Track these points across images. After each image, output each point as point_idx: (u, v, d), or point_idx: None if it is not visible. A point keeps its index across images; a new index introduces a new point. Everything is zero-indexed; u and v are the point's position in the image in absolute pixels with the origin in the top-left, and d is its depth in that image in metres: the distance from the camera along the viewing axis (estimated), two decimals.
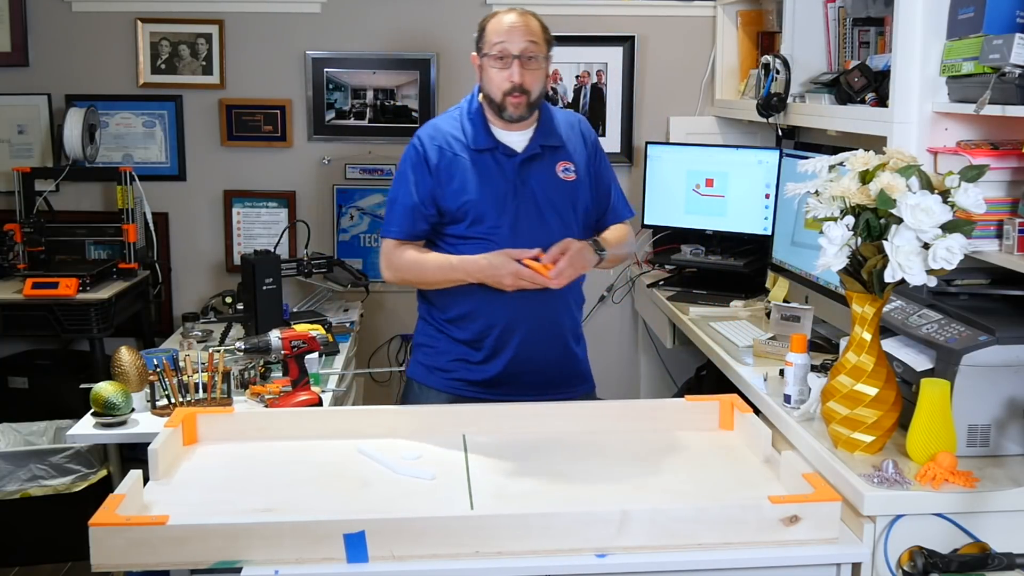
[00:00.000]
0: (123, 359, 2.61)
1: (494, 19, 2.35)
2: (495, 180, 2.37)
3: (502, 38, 2.30)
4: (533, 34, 2.32)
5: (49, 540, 3.36)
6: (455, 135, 2.39)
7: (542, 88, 2.38)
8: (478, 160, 2.37)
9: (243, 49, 4.01)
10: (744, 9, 3.91)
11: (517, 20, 2.32)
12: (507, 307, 2.36)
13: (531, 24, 2.34)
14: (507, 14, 2.34)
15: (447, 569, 1.70)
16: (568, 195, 2.41)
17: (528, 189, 2.38)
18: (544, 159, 2.41)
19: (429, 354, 2.50)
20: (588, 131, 2.52)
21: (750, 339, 2.77)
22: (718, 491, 1.95)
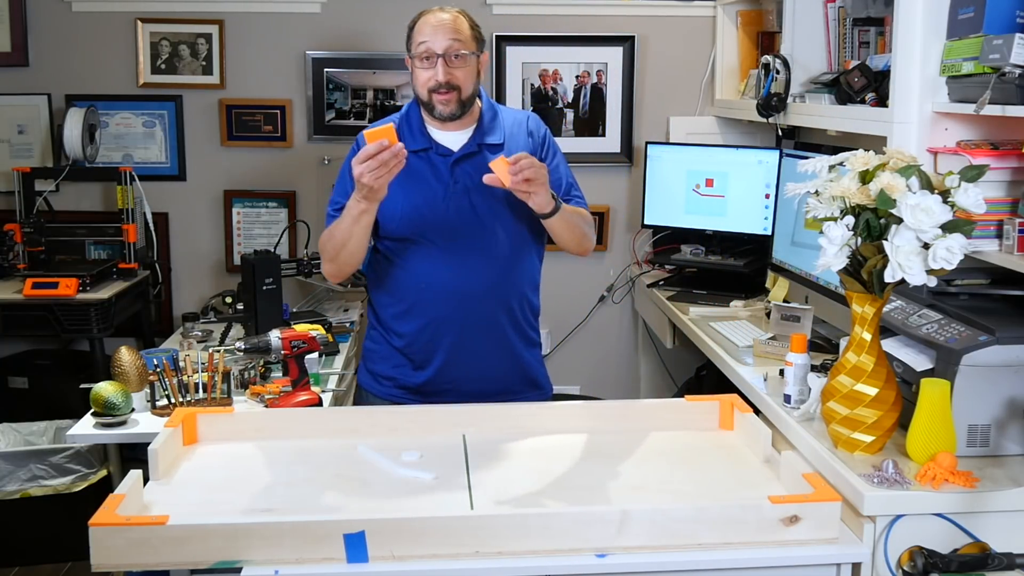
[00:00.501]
0: (123, 359, 2.61)
1: (421, 19, 2.31)
2: (428, 181, 2.32)
3: (426, 37, 2.27)
4: (458, 32, 2.27)
5: (49, 540, 3.36)
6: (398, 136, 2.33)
7: (473, 85, 2.32)
8: (412, 161, 2.28)
9: (243, 49, 4.02)
10: (744, 9, 3.91)
11: (441, 18, 2.28)
12: (442, 305, 2.33)
13: (457, 22, 2.29)
14: (434, 13, 2.30)
15: (447, 569, 1.70)
16: (507, 198, 2.29)
17: (462, 188, 2.32)
18: (481, 156, 2.33)
19: (373, 359, 2.48)
20: (537, 128, 2.45)
21: (750, 339, 2.77)
22: (718, 491, 1.95)
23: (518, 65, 4.04)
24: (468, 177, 2.32)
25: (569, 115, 4.09)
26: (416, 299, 2.35)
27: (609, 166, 4.13)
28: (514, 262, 2.38)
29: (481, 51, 2.34)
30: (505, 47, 4.02)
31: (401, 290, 2.37)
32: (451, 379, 2.38)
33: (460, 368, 2.37)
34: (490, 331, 2.38)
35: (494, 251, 2.34)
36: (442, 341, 2.36)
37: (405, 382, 2.42)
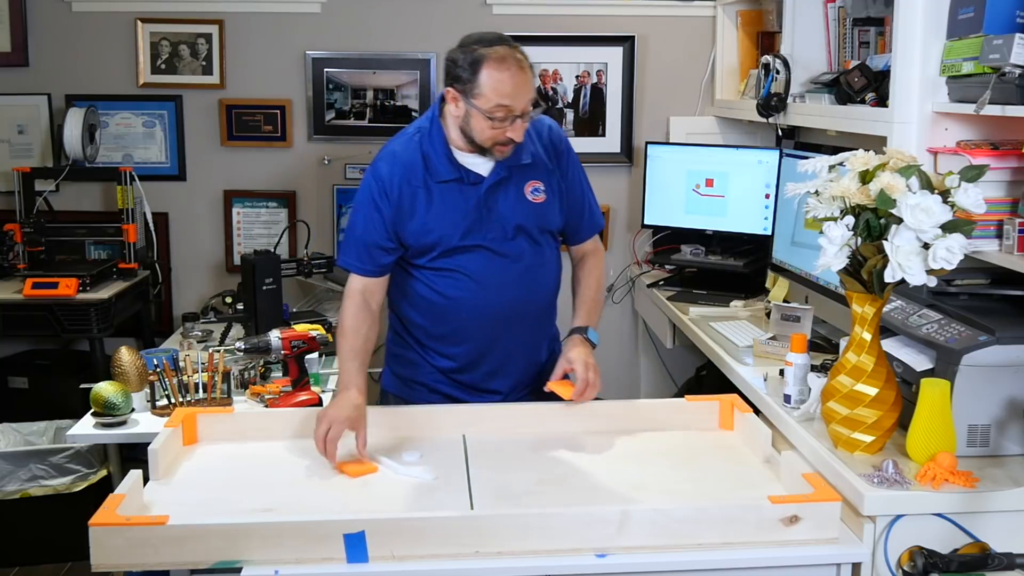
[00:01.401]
0: (123, 359, 2.61)
1: (493, 71, 2.10)
2: (460, 210, 2.24)
3: (507, 99, 2.10)
4: (532, 86, 2.16)
5: (49, 540, 3.36)
6: (416, 165, 2.25)
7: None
8: (441, 191, 2.24)
9: (243, 49, 4.01)
10: (744, 9, 3.91)
11: (520, 76, 2.11)
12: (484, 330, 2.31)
13: (529, 75, 2.14)
14: (506, 65, 2.10)
15: (447, 569, 1.70)
16: (538, 217, 2.29)
17: (496, 216, 2.26)
18: (511, 181, 2.27)
19: (402, 364, 2.44)
20: (558, 139, 2.35)
21: (750, 339, 2.77)
22: (718, 491, 1.95)
23: None
24: (501, 203, 2.26)
25: (569, 115, 4.09)
26: (456, 326, 2.31)
27: (609, 166, 4.12)
28: (547, 276, 2.37)
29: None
30: None
31: (438, 315, 2.32)
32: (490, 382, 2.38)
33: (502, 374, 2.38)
34: (529, 341, 2.39)
35: (529, 273, 2.31)
36: (485, 359, 2.35)
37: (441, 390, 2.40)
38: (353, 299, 2.28)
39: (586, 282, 2.43)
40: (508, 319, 2.30)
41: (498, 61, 2.10)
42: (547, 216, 2.32)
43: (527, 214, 2.28)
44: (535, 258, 2.32)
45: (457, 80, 2.15)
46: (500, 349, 2.34)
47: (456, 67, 2.15)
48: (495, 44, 2.13)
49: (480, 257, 2.27)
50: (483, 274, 2.27)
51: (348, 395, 2.13)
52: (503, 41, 2.15)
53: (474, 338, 2.32)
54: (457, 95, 2.16)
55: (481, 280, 2.27)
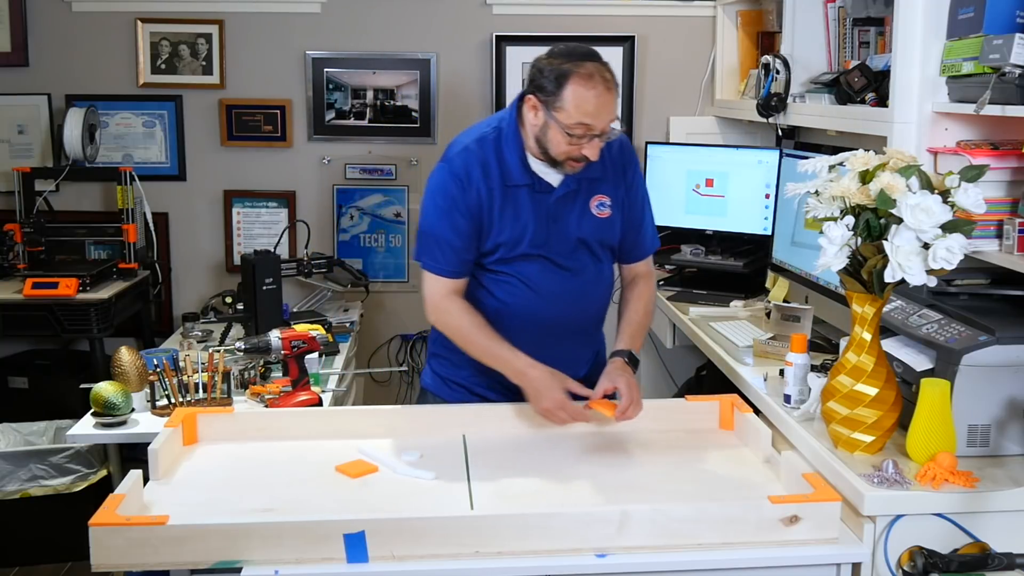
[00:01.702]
0: (123, 359, 2.61)
1: (579, 87, 2.06)
2: (527, 217, 2.21)
3: (588, 119, 2.07)
4: (615, 106, 2.13)
5: (49, 540, 3.36)
6: (491, 164, 2.20)
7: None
8: (513, 195, 2.20)
9: (243, 49, 4.01)
10: (744, 9, 3.91)
11: (605, 96, 2.08)
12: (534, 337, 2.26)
13: (614, 95, 2.11)
14: (593, 84, 2.07)
15: (447, 569, 1.70)
16: (601, 232, 2.27)
17: (561, 227, 2.23)
18: (579, 193, 2.24)
19: (445, 365, 2.41)
20: (628, 154, 2.32)
21: (750, 339, 2.77)
22: (718, 491, 1.95)
23: (518, 65, 4.03)
24: (568, 214, 2.23)
25: None
26: (506, 332, 2.25)
27: None
28: (601, 292, 2.35)
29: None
30: (505, 47, 4.02)
31: (489, 318, 2.26)
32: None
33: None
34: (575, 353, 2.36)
35: (585, 287, 2.30)
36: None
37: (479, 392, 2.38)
38: (454, 302, 2.22)
39: (634, 305, 2.37)
40: (558, 331, 2.28)
41: (585, 78, 2.07)
42: (610, 231, 2.29)
43: (591, 228, 2.25)
44: (593, 273, 2.29)
45: (540, 89, 2.11)
46: (546, 359, 2.27)
47: (541, 76, 2.11)
48: (585, 60, 2.09)
49: (540, 267, 2.24)
50: (540, 284, 2.24)
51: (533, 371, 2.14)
52: (593, 57, 2.11)
53: (521, 346, 2.27)
54: (538, 104, 2.12)
55: (538, 290, 2.25)
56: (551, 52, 2.14)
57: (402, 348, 4.20)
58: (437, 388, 2.43)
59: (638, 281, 2.41)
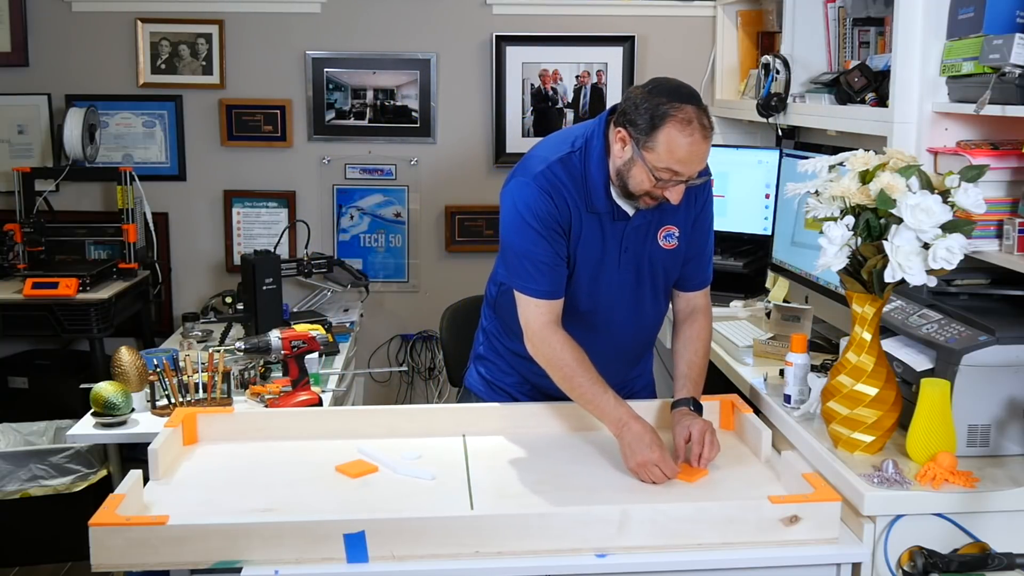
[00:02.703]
0: (123, 359, 2.61)
1: (675, 132, 1.96)
2: (598, 244, 2.14)
3: (680, 166, 1.98)
4: (707, 154, 2.02)
5: (49, 540, 3.36)
6: (577, 184, 2.10)
7: None
8: (591, 219, 2.13)
9: (243, 49, 4.01)
10: (744, 9, 3.90)
11: (701, 145, 1.98)
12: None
13: (709, 144, 2.01)
14: (690, 131, 1.96)
15: (447, 569, 1.70)
16: (664, 263, 2.21)
17: (630, 256, 2.17)
18: (652, 222, 2.17)
19: (492, 370, 2.39)
20: (704, 186, 2.21)
21: (750, 339, 2.77)
22: (718, 491, 1.95)
23: (518, 65, 4.04)
24: (638, 244, 2.17)
25: (569, 115, 4.09)
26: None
27: None
28: (655, 321, 2.31)
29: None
30: (505, 47, 4.02)
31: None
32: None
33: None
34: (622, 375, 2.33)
35: (642, 318, 2.26)
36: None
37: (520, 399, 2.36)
38: (557, 333, 2.11)
39: (694, 346, 2.25)
40: (608, 357, 2.22)
41: (683, 124, 1.96)
42: (674, 263, 2.23)
43: (658, 259, 2.20)
44: (651, 305, 2.25)
45: (633, 125, 2.01)
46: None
47: (636, 110, 2.00)
48: (686, 103, 1.98)
49: (601, 295, 2.18)
50: (598, 313, 2.19)
51: (635, 425, 2.02)
52: (694, 100, 2.00)
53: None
54: (627, 139, 2.02)
55: (594, 320, 2.20)
56: (651, 87, 2.03)
57: (402, 348, 4.20)
58: (482, 392, 2.41)
59: (696, 316, 2.30)
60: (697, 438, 2.03)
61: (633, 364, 2.39)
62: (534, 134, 4.07)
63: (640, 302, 2.23)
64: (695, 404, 2.16)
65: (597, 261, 2.16)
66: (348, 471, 2.03)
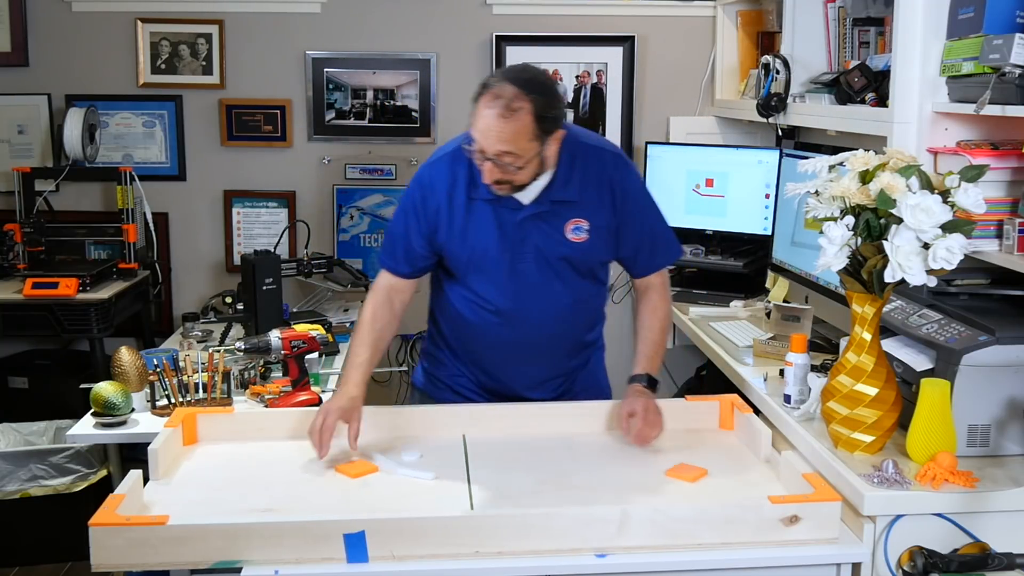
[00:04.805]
0: (123, 359, 2.61)
1: (481, 104, 2.01)
2: (492, 237, 2.18)
3: (478, 136, 2.03)
4: (509, 141, 1.99)
5: (49, 540, 3.36)
6: (463, 175, 2.17)
7: (532, 172, 2.08)
8: (481, 209, 2.17)
9: (243, 49, 4.01)
10: (744, 9, 3.91)
11: (496, 121, 1.98)
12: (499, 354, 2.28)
13: (510, 128, 1.98)
14: (492, 105, 1.99)
15: (447, 569, 1.70)
16: (576, 256, 2.21)
17: (530, 248, 2.19)
18: (553, 214, 2.18)
19: (435, 365, 2.43)
20: (621, 175, 2.22)
21: (750, 339, 2.77)
22: (718, 491, 1.95)
23: None
24: (539, 236, 2.18)
25: (569, 115, 4.09)
26: (478, 348, 2.30)
27: None
28: (581, 313, 2.32)
29: (547, 143, 2.06)
30: (505, 47, 4.01)
31: (461, 332, 2.30)
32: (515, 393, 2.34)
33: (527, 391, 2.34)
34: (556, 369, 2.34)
35: (559, 309, 2.25)
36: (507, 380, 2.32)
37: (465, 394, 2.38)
38: (377, 294, 2.28)
39: (649, 323, 2.32)
40: (532, 350, 2.27)
41: (492, 97, 2.00)
42: (588, 255, 2.23)
43: (565, 252, 2.20)
44: (568, 295, 2.25)
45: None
46: (523, 375, 2.31)
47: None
48: (506, 82, 2.01)
49: (507, 286, 2.21)
50: (508, 305, 2.22)
51: (345, 388, 2.14)
52: (518, 82, 2.01)
53: (494, 361, 2.30)
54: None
55: (505, 311, 2.23)
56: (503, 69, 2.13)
57: (402, 348, 4.20)
58: (424, 386, 2.45)
59: (650, 295, 2.35)
60: (640, 413, 2.12)
61: (570, 355, 2.36)
62: None
63: (551, 293, 2.23)
64: (649, 380, 2.23)
65: (496, 251, 2.19)
66: (348, 471, 2.02)
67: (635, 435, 2.12)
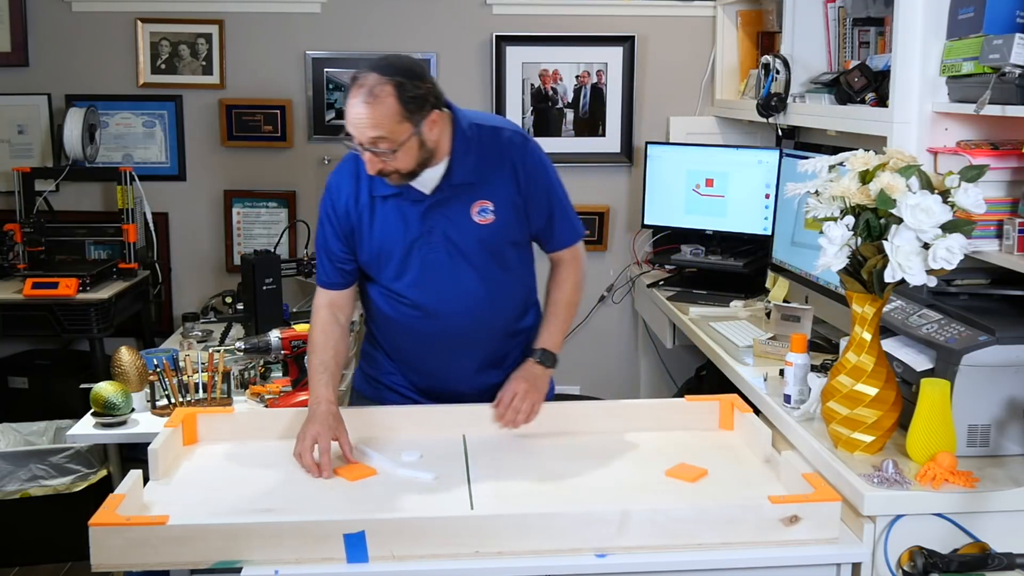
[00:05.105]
0: (123, 359, 2.61)
1: (351, 92, 2.00)
2: (398, 231, 2.16)
3: (351, 129, 2.01)
4: (378, 126, 1.97)
5: (49, 540, 3.36)
6: (362, 178, 2.17)
7: (417, 159, 2.05)
8: (384, 207, 2.16)
9: (243, 49, 4.01)
10: (744, 9, 3.91)
11: (360, 108, 1.97)
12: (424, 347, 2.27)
13: (377, 113, 1.97)
14: (356, 94, 1.98)
15: (447, 569, 1.70)
16: (482, 238, 2.17)
17: (437, 238, 2.16)
18: (457, 199, 2.15)
19: (372, 365, 2.41)
20: (519, 153, 2.19)
21: (750, 339, 2.77)
22: (718, 491, 1.95)
23: (518, 65, 4.04)
24: (445, 222, 2.16)
25: (569, 115, 4.09)
26: (405, 344, 2.30)
27: (609, 166, 4.13)
28: (504, 295, 2.27)
29: (420, 126, 2.02)
30: (505, 47, 4.02)
31: (388, 331, 2.30)
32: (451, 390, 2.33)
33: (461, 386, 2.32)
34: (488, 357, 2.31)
35: (478, 295, 2.21)
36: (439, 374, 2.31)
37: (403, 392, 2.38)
38: (319, 313, 2.27)
39: (553, 297, 2.32)
40: (459, 340, 2.24)
41: (357, 88, 1.99)
42: (498, 236, 2.19)
43: (474, 236, 2.17)
44: (485, 281, 2.21)
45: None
46: (455, 367, 2.29)
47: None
48: (369, 71, 2.00)
49: (421, 279, 2.19)
50: (425, 298, 2.20)
51: (321, 408, 2.09)
52: (378, 68, 2.00)
53: (423, 357, 2.29)
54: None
55: (423, 304, 2.21)
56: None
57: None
58: (363, 387, 2.43)
59: (558, 268, 2.34)
60: (504, 399, 2.19)
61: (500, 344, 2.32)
62: (534, 134, 4.07)
63: (467, 281, 2.20)
64: (543, 354, 2.26)
65: (403, 245, 2.18)
66: (346, 474, 2.02)
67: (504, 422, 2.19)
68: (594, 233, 4.14)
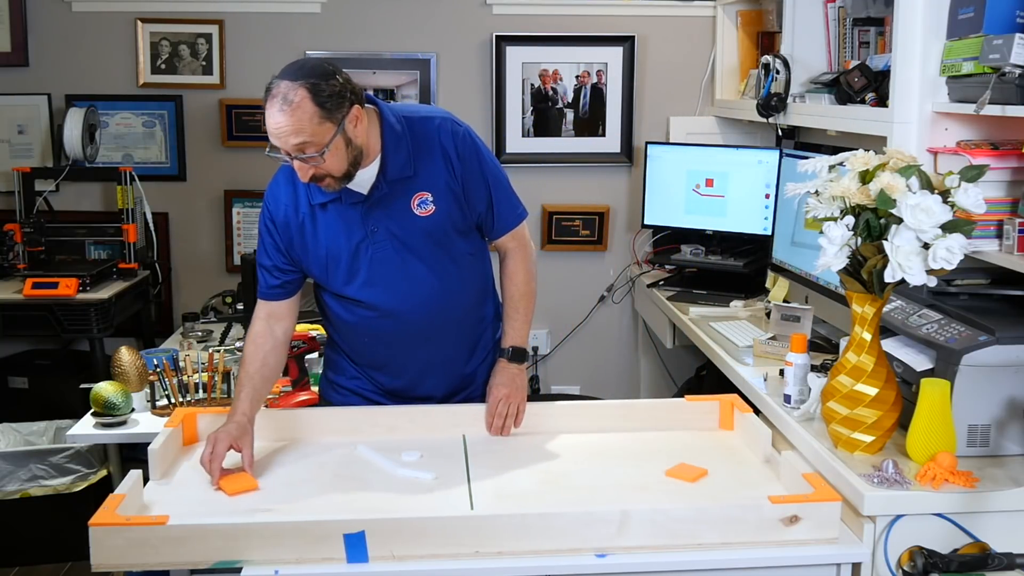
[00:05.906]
0: (123, 359, 2.61)
1: (267, 103, 1.99)
2: (341, 236, 2.14)
3: (273, 139, 1.99)
4: (299, 131, 1.95)
5: (49, 540, 3.36)
6: (299, 188, 2.16)
7: (343, 158, 2.01)
8: (324, 214, 2.15)
9: (243, 49, 4.01)
10: (744, 9, 3.91)
11: (278, 121, 1.96)
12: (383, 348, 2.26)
13: (295, 119, 1.95)
14: (270, 104, 1.97)
15: (447, 569, 1.70)
16: (429, 231, 2.15)
17: (381, 236, 2.14)
18: (395, 195, 2.12)
19: (335, 369, 2.38)
20: (451, 140, 2.16)
21: (750, 339, 2.77)
22: (718, 491, 1.95)
23: (518, 65, 4.04)
24: (387, 220, 2.13)
25: (569, 115, 4.09)
26: (363, 345, 2.28)
27: (609, 166, 4.13)
28: (458, 285, 2.25)
29: (343, 124, 1.99)
30: (505, 47, 4.02)
31: (345, 333, 2.29)
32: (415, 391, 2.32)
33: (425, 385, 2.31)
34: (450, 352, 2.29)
35: (431, 288, 2.19)
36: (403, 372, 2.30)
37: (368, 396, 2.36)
38: (254, 325, 2.23)
39: (508, 292, 2.30)
40: (419, 335, 2.22)
41: (271, 98, 1.98)
42: (442, 226, 2.17)
43: (418, 228, 2.15)
44: (436, 274, 2.19)
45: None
46: (416, 363, 2.27)
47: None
48: (280, 79, 2.00)
49: (372, 280, 2.17)
50: (378, 298, 2.18)
51: (234, 419, 2.06)
52: (288, 75, 2.00)
53: (383, 356, 2.28)
54: None
55: (377, 304, 2.19)
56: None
57: None
58: (327, 393, 2.40)
59: (505, 260, 2.31)
60: (491, 409, 2.22)
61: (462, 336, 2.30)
62: (534, 134, 4.08)
63: (418, 276, 2.17)
64: (513, 352, 2.27)
65: (349, 249, 2.15)
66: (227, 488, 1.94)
67: (492, 430, 2.21)
68: (594, 233, 4.14)
